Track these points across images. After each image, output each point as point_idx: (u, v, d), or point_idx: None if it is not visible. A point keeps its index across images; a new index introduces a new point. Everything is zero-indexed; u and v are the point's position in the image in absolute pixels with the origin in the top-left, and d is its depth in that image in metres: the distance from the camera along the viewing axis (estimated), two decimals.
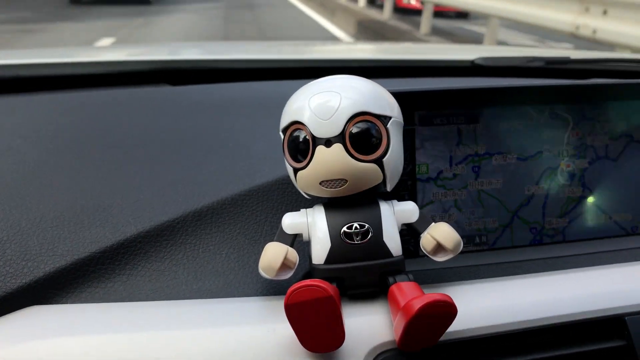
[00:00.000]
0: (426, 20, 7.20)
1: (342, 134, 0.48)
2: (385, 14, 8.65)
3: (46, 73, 0.99)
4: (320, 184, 0.50)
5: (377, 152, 0.50)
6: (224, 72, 1.04)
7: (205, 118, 0.79)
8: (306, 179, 0.50)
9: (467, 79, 1.02)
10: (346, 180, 0.49)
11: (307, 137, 0.49)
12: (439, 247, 0.52)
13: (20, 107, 0.82)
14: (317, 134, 0.49)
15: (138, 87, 0.97)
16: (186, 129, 0.75)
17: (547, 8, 4.20)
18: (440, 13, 9.00)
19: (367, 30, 7.65)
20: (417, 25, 7.57)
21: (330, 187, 0.50)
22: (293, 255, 0.50)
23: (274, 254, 0.50)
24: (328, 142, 0.48)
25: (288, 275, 0.51)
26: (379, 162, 0.50)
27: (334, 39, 7.45)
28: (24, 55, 1.22)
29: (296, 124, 0.50)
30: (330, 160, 0.48)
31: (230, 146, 0.70)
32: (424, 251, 0.53)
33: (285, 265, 0.50)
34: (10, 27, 7.52)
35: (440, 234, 0.51)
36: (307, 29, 8.40)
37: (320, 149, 0.49)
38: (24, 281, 0.51)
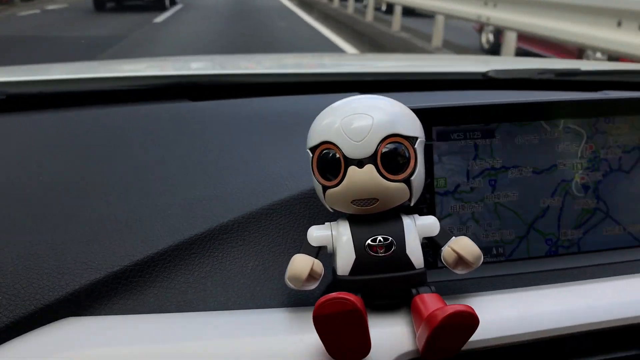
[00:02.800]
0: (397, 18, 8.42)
1: (374, 155, 0.51)
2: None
3: (72, 89, 1.01)
4: (352, 202, 0.52)
5: (406, 171, 0.52)
6: (244, 86, 1.06)
7: (227, 134, 0.81)
8: (336, 198, 0.52)
9: (480, 92, 1.04)
10: (377, 200, 0.51)
11: (338, 156, 0.51)
12: (459, 260, 0.54)
13: (45, 124, 0.85)
14: (349, 155, 0.51)
15: (158, 102, 0.99)
16: (208, 145, 0.77)
17: (460, 3, 6.20)
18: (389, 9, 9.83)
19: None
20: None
21: (361, 206, 0.52)
22: (319, 266, 0.52)
23: (301, 265, 0.52)
24: (360, 163, 0.51)
25: (313, 286, 0.53)
26: (407, 181, 0.52)
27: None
28: (41, 71, 1.25)
29: (326, 144, 0.52)
30: (363, 180, 0.51)
31: (253, 161, 0.72)
32: (444, 264, 0.54)
33: (311, 276, 0.52)
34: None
35: (462, 247, 0.53)
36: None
37: (353, 170, 0.51)
38: (60, 294, 0.53)
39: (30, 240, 0.57)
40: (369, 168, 0.51)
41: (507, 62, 1.50)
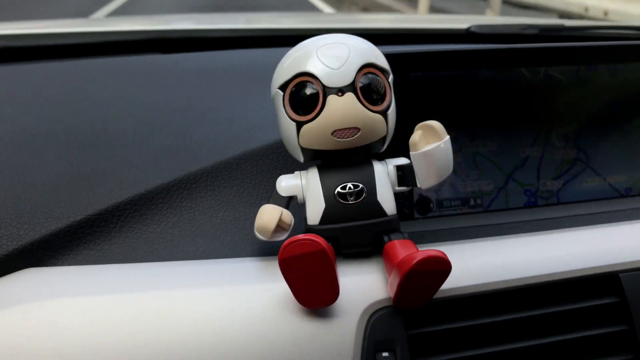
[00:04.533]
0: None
1: (353, 83, 0.49)
2: None
3: (38, 43, 0.98)
4: (332, 134, 0.49)
5: (384, 103, 0.51)
6: (216, 40, 1.03)
7: (198, 85, 0.78)
8: (315, 131, 0.50)
9: (462, 46, 1.02)
10: (359, 129, 0.49)
11: (315, 88, 0.49)
12: (424, 134, 0.51)
13: (10, 76, 0.82)
14: (328, 84, 0.49)
15: (130, 55, 0.96)
16: (178, 96, 0.75)
17: None
18: None
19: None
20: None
21: (343, 137, 0.49)
22: (288, 216, 0.51)
23: (269, 216, 0.50)
24: (340, 91, 0.49)
25: (283, 236, 0.51)
26: (384, 114, 0.51)
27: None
28: (14, 26, 1.21)
29: (302, 76, 0.50)
30: (344, 108, 0.49)
31: (223, 112, 0.70)
32: (410, 151, 0.51)
33: (280, 227, 0.50)
34: None
35: (424, 122, 0.51)
36: None
37: (333, 98, 0.49)
38: (19, 244, 0.51)
39: None
40: (349, 96, 0.49)
41: (490, 20, 1.47)
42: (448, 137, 0.50)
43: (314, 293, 0.46)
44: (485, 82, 0.63)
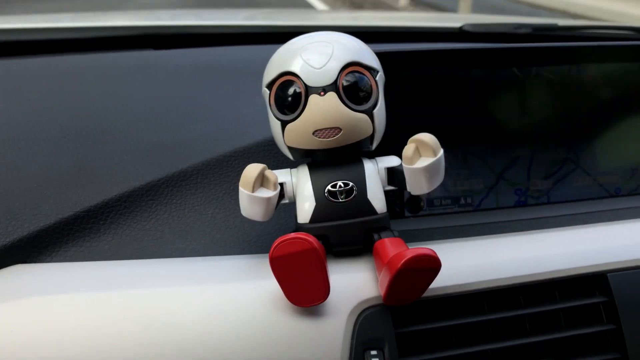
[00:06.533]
0: None
1: (336, 82, 0.49)
2: None
3: (30, 38, 0.97)
4: (313, 133, 0.49)
5: (369, 102, 0.50)
6: (208, 37, 1.03)
7: (189, 81, 0.78)
8: (298, 130, 0.50)
9: (455, 44, 1.02)
10: (340, 129, 0.49)
11: (298, 87, 0.49)
12: (418, 150, 0.50)
13: (1, 71, 0.81)
14: (310, 83, 0.49)
15: (122, 51, 0.95)
16: (170, 92, 0.75)
17: None
18: None
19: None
20: None
21: (324, 137, 0.49)
22: (272, 174, 0.50)
23: (252, 167, 0.49)
24: (322, 91, 0.49)
25: (270, 194, 0.50)
26: (369, 113, 0.50)
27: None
28: (4, 20, 1.20)
29: (286, 75, 0.50)
30: (324, 108, 0.48)
31: (215, 109, 0.70)
32: (403, 163, 0.50)
33: (265, 184, 0.50)
34: None
35: (418, 135, 0.50)
36: None
37: (314, 98, 0.48)
38: (7, 240, 0.51)
39: None
40: (331, 95, 0.49)
41: (483, 19, 1.48)
42: (442, 151, 0.49)
43: (305, 291, 0.46)
44: (477, 81, 0.64)
